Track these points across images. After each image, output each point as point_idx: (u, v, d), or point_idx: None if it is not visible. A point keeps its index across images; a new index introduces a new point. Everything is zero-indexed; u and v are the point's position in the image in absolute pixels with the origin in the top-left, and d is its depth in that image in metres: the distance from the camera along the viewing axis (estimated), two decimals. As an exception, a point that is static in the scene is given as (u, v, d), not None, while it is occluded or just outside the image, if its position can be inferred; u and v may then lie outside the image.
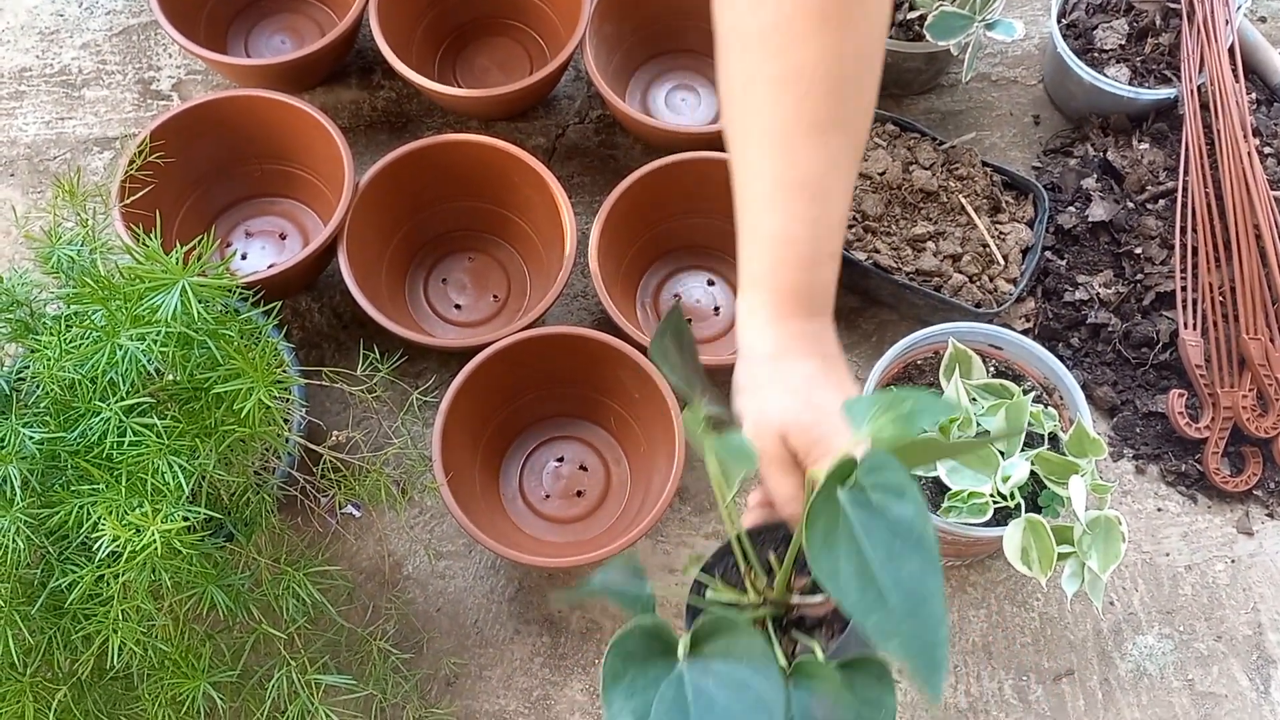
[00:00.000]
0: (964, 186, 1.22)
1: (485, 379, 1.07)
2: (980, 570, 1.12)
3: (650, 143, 1.31)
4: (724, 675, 0.55)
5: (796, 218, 0.70)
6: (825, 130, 0.69)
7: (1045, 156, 1.31)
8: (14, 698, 0.83)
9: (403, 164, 1.16)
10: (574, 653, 1.08)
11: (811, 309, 0.72)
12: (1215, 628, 1.10)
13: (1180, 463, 1.16)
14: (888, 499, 0.53)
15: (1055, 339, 1.21)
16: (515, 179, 1.18)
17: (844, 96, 0.69)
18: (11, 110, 1.35)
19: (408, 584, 1.11)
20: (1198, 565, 1.12)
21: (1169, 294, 1.19)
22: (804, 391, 0.69)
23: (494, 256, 1.26)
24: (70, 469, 0.82)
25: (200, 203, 1.24)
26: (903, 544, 0.53)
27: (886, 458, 0.55)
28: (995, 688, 1.07)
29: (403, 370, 1.18)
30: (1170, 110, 1.26)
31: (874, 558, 0.53)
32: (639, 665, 0.56)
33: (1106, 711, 1.06)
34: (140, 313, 0.80)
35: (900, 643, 0.51)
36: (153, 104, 1.36)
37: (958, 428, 0.96)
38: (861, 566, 0.53)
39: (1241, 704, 1.06)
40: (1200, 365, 1.15)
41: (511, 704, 1.06)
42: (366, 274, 1.14)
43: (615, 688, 0.55)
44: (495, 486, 1.14)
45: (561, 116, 1.35)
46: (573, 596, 0.74)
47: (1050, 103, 1.35)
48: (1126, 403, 1.18)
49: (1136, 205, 1.23)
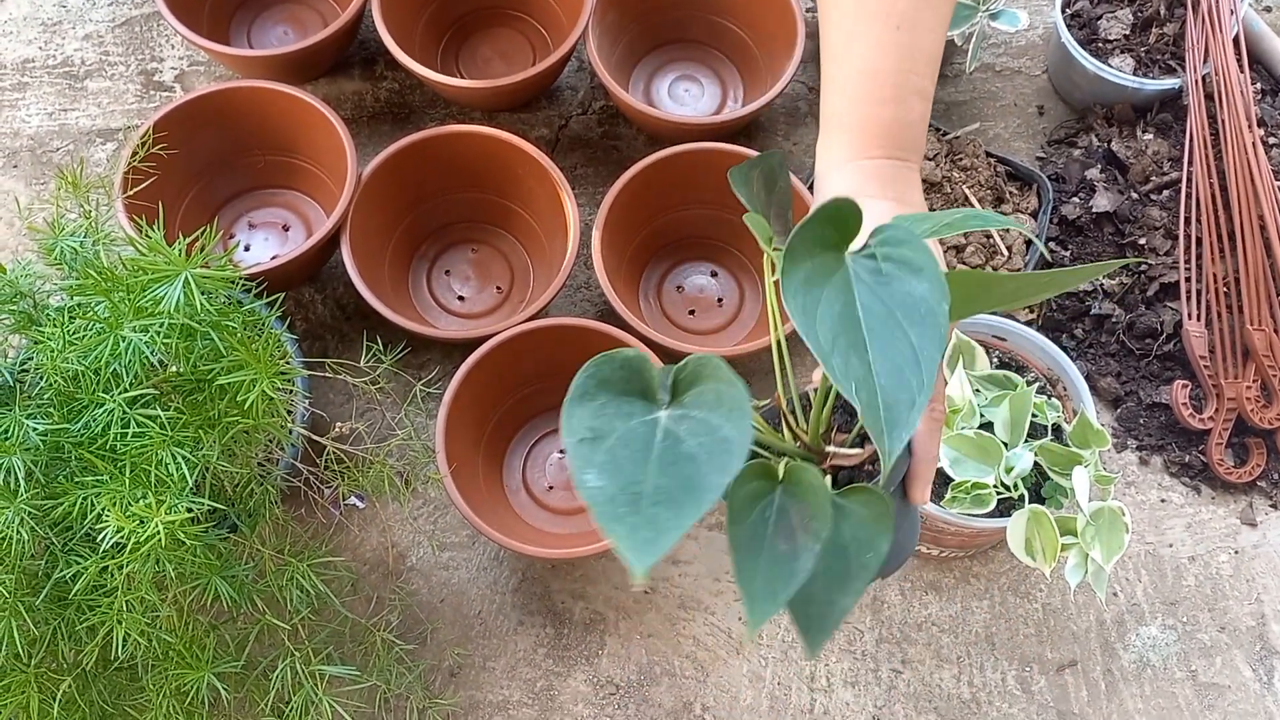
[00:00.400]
0: (968, 177, 1.21)
1: (488, 370, 1.07)
2: (983, 561, 1.12)
3: (653, 134, 1.31)
4: (696, 420, 0.50)
5: (879, 48, 0.65)
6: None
7: (1049, 147, 1.31)
8: (19, 688, 0.83)
9: (405, 155, 1.16)
10: (577, 644, 1.08)
11: (893, 149, 0.67)
12: (1219, 619, 1.10)
13: (1184, 454, 1.15)
14: (901, 272, 0.49)
15: (1059, 330, 1.20)
16: (518, 170, 1.18)
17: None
18: (14, 101, 1.35)
19: (411, 575, 1.11)
20: (1201, 556, 1.12)
21: (1173, 285, 1.19)
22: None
23: (497, 248, 1.26)
24: (74, 460, 0.82)
25: (203, 194, 1.24)
26: (907, 315, 0.48)
27: (909, 233, 0.50)
28: (998, 678, 1.07)
29: (406, 362, 1.18)
30: (1175, 101, 1.26)
31: (867, 313, 0.49)
32: (613, 395, 0.52)
33: (1109, 702, 1.06)
34: (143, 304, 0.80)
35: (862, 389, 0.47)
36: (155, 95, 1.36)
37: (960, 419, 0.96)
38: (847, 312, 0.49)
39: (1244, 695, 1.06)
40: (1204, 356, 1.15)
41: (515, 694, 1.06)
42: (369, 265, 1.14)
43: (581, 405, 0.50)
44: (498, 478, 1.14)
45: (564, 107, 1.35)
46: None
47: (1054, 93, 1.35)
48: (1130, 394, 1.18)
49: (1141, 196, 1.23)
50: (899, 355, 0.48)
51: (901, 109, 0.67)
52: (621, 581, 1.10)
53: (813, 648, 0.52)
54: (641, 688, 1.07)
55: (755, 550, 0.52)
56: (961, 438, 0.94)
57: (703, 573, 1.11)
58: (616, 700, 1.06)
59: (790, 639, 1.08)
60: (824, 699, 1.06)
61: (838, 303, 0.49)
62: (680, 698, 1.06)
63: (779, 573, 0.51)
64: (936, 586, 1.11)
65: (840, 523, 0.56)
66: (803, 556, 0.51)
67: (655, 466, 0.48)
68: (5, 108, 1.35)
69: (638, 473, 0.48)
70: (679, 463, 0.48)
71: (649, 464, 0.49)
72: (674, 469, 0.48)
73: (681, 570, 1.11)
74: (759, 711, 1.06)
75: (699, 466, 0.48)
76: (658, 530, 0.45)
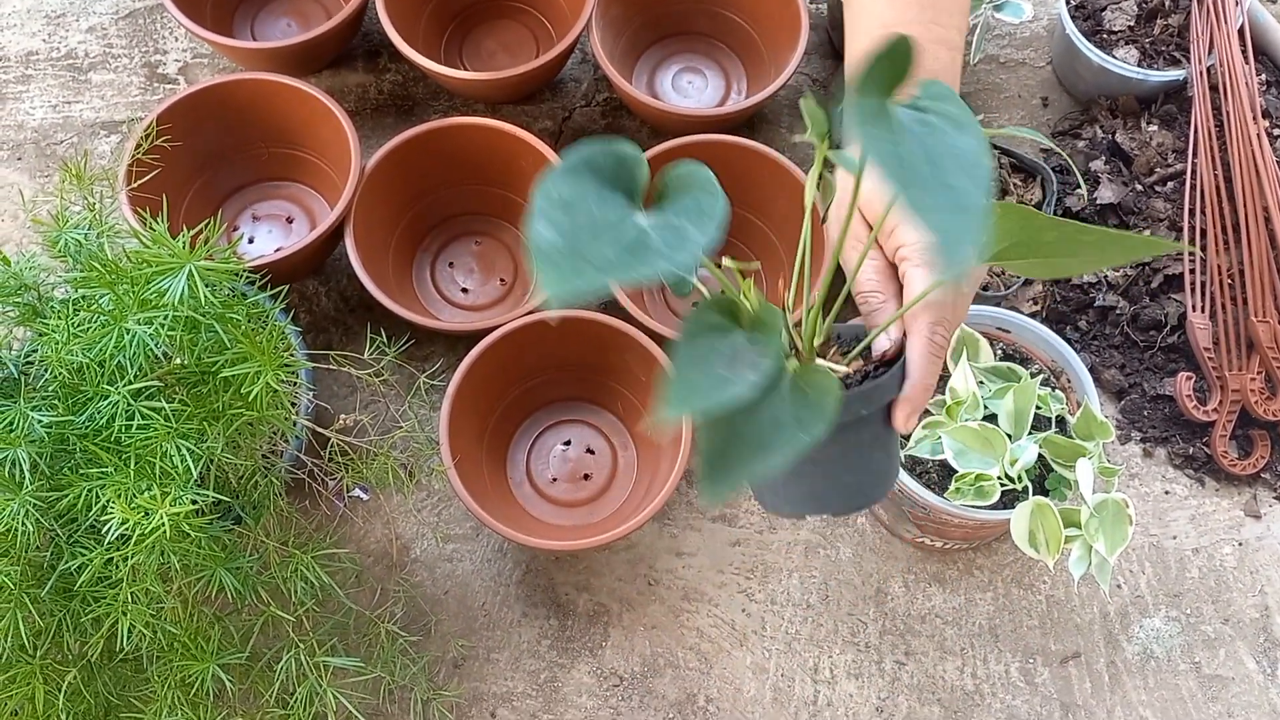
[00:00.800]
0: (972, 169, 1.21)
1: (492, 363, 1.07)
2: (987, 553, 1.12)
3: (657, 126, 1.31)
4: (673, 229, 0.50)
5: (901, 0, 0.64)
6: None
7: (1053, 139, 1.31)
8: (24, 679, 0.83)
9: (409, 148, 1.16)
10: (581, 635, 1.09)
11: None
12: (1222, 611, 1.10)
13: (1188, 446, 1.15)
14: (947, 125, 0.49)
15: (1063, 322, 1.20)
16: (522, 162, 1.18)
17: None
18: (19, 94, 1.35)
19: (415, 567, 1.11)
20: (1205, 548, 1.12)
21: (1177, 277, 1.18)
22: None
23: (501, 240, 1.26)
24: (79, 452, 0.82)
25: (207, 186, 1.24)
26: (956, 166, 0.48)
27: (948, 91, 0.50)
28: (1002, 670, 1.07)
29: (410, 354, 1.18)
30: (1179, 92, 1.25)
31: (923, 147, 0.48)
32: (597, 182, 0.51)
33: (1113, 694, 1.06)
34: (147, 296, 0.80)
35: (933, 205, 0.46)
36: (159, 88, 1.36)
37: (964, 410, 0.96)
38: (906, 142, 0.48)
39: (1248, 686, 1.06)
40: (1208, 348, 1.15)
41: (519, 685, 1.07)
42: (373, 258, 1.14)
43: (563, 177, 0.50)
44: (502, 470, 1.14)
45: (568, 99, 1.35)
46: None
47: (1059, 85, 1.35)
48: (1134, 386, 1.18)
49: (1145, 188, 1.23)
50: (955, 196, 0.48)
51: (926, 59, 0.65)
52: (625, 573, 1.11)
53: (706, 497, 0.52)
54: (645, 679, 1.07)
55: (694, 366, 0.52)
56: (965, 429, 0.94)
57: (706, 565, 1.11)
58: (620, 692, 1.06)
59: (795, 630, 1.08)
60: (827, 690, 1.06)
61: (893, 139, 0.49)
62: (684, 689, 1.06)
63: (706, 384, 0.51)
64: (940, 578, 1.11)
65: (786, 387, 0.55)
66: (738, 383, 0.51)
67: (612, 247, 0.48)
68: (9, 100, 1.35)
69: (594, 244, 0.48)
70: (634, 245, 0.48)
71: (607, 243, 0.48)
72: (630, 248, 0.48)
73: (685, 562, 1.11)
74: (762, 703, 1.06)
75: (650, 250, 0.48)
76: (583, 278, 0.46)
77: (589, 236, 0.48)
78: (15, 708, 0.84)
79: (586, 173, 0.51)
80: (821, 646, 1.08)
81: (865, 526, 1.13)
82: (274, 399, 0.85)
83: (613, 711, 1.06)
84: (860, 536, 1.12)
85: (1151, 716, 1.05)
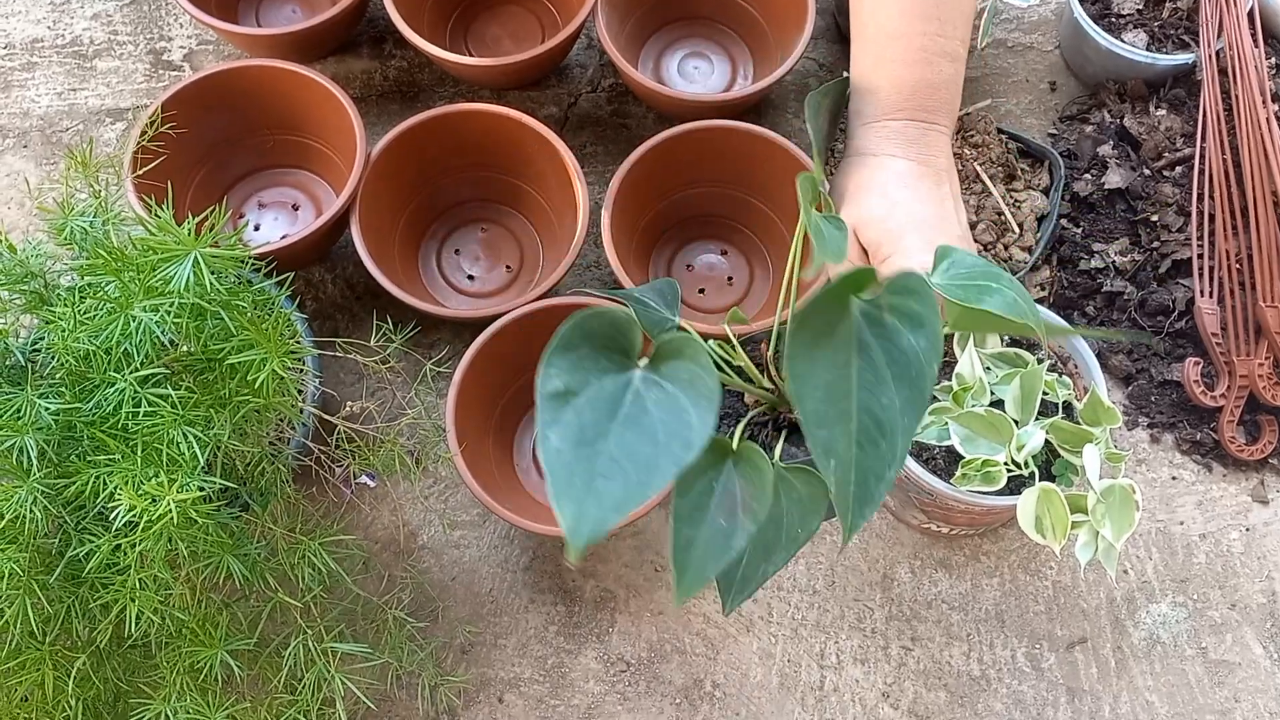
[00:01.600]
0: (979, 154, 1.21)
1: (498, 349, 1.07)
2: (993, 539, 1.12)
3: (663, 111, 1.30)
4: (665, 394, 0.52)
5: (906, 11, 0.66)
6: None
7: (1061, 123, 1.30)
8: (34, 665, 0.84)
9: (415, 134, 1.16)
10: (588, 621, 1.09)
11: (918, 110, 0.67)
12: (1229, 596, 1.09)
13: (1195, 431, 1.15)
14: (903, 325, 0.51)
15: (1071, 307, 1.20)
16: (527, 149, 1.18)
17: None
18: (24, 81, 1.35)
19: (423, 553, 1.12)
20: (1212, 534, 1.12)
21: (1185, 262, 1.18)
22: (889, 188, 0.66)
23: (507, 227, 1.26)
24: (86, 440, 0.82)
25: (213, 173, 1.24)
26: (898, 373, 0.51)
27: (921, 284, 0.52)
28: (1008, 656, 1.07)
29: (416, 341, 1.18)
30: (1188, 76, 1.25)
31: (860, 378, 0.51)
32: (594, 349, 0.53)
33: (1119, 679, 1.06)
34: (153, 284, 0.80)
35: (839, 465, 0.49)
36: (164, 74, 1.36)
37: (971, 396, 0.96)
38: (840, 380, 0.51)
39: (1255, 672, 1.06)
40: (1216, 333, 1.15)
41: (526, 671, 1.07)
42: (379, 245, 1.14)
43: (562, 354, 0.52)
44: (509, 456, 1.14)
45: (573, 85, 1.34)
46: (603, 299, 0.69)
47: (1067, 69, 1.34)
48: (1142, 371, 1.18)
49: (1153, 172, 1.22)
50: (880, 421, 0.50)
51: (928, 70, 0.67)
52: (632, 560, 1.11)
53: (729, 608, 0.56)
54: (652, 665, 1.07)
55: (696, 522, 0.54)
56: (972, 415, 0.94)
57: (713, 551, 1.11)
58: (627, 677, 1.07)
59: (801, 616, 1.08)
60: (834, 676, 1.06)
61: (835, 366, 0.51)
62: (691, 675, 1.07)
63: (713, 549, 0.53)
64: (946, 564, 1.11)
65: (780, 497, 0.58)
66: (739, 535, 0.53)
67: (616, 431, 0.50)
68: (14, 88, 1.35)
69: (598, 437, 0.49)
70: (641, 432, 0.50)
71: (612, 426, 0.50)
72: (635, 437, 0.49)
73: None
74: (769, 688, 1.06)
75: (658, 445, 0.49)
76: (602, 509, 0.47)
77: (593, 426, 0.50)
78: (25, 694, 0.85)
79: (583, 344, 0.53)
80: (828, 632, 1.08)
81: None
82: (280, 386, 0.85)
83: (620, 697, 1.06)
84: (866, 523, 1.12)
85: (1158, 702, 1.06)
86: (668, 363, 0.53)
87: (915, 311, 0.51)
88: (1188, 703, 1.05)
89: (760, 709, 1.05)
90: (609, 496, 0.47)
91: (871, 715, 1.05)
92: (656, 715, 1.05)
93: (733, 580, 0.57)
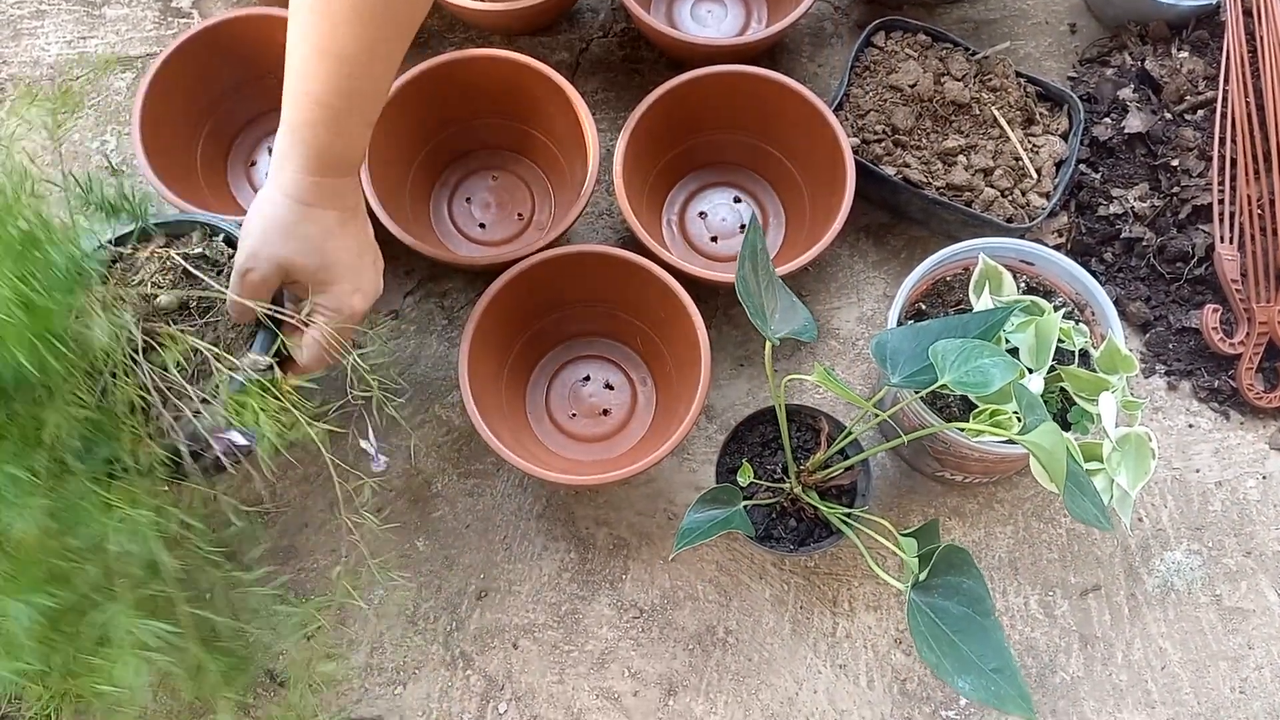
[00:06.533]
0: (997, 98, 1.19)
1: (510, 298, 1.06)
2: (1008, 487, 1.12)
3: (675, 56, 1.29)
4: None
5: (334, 88, 0.78)
6: (367, 17, 0.77)
7: (1081, 66, 1.28)
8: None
9: (425, 81, 1.15)
10: (601, 568, 1.09)
11: (340, 171, 0.82)
12: (1245, 544, 1.09)
13: (1213, 379, 1.14)
14: (948, 597, 0.81)
15: (1088, 254, 1.19)
16: (538, 95, 1.17)
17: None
18: (34, 30, 1.34)
19: (437, 501, 1.12)
20: (1228, 481, 1.12)
21: (1205, 207, 1.16)
22: (319, 240, 0.81)
23: (518, 174, 1.25)
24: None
25: (223, 121, 1.23)
26: (964, 629, 0.78)
27: (967, 560, 0.81)
28: (1021, 602, 1.07)
29: (428, 290, 1.18)
30: (1212, 17, 1.22)
31: (951, 635, 0.79)
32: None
33: (1132, 626, 1.06)
34: None
35: (990, 688, 0.75)
36: (173, 22, 1.35)
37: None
38: (941, 635, 0.79)
39: (1269, 619, 1.06)
40: (1236, 280, 1.13)
41: (540, 618, 1.08)
42: (390, 193, 1.14)
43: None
44: (522, 405, 1.14)
45: (585, 30, 1.33)
46: (680, 547, 0.85)
47: (1087, 10, 1.31)
48: (1159, 318, 1.17)
49: (1174, 116, 1.20)
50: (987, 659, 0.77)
51: (350, 141, 0.82)
52: (645, 508, 1.11)
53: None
54: (665, 611, 1.08)
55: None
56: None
57: (726, 499, 1.11)
58: (640, 624, 1.07)
59: (813, 564, 1.09)
60: (846, 623, 1.07)
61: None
62: (703, 621, 1.07)
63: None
64: (960, 512, 1.11)
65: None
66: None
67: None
68: (24, 36, 1.34)
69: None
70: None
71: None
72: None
73: (705, 496, 1.11)
74: (781, 634, 1.07)
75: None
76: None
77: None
78: None
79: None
80: (840, 579, 1.08)
81: (885, 461, 1.13)
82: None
83: (633, 643, 1.07)
84: (880, 470, 1.12)
85: (1171, 648, 1.06)
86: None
87: (967, 587, 0.81)
88: (1201, 649, 1.06)
89: (773, 654, 1.06)
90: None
91: (884, 661, 1.06)
92: (669, 660, 1.06)
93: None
